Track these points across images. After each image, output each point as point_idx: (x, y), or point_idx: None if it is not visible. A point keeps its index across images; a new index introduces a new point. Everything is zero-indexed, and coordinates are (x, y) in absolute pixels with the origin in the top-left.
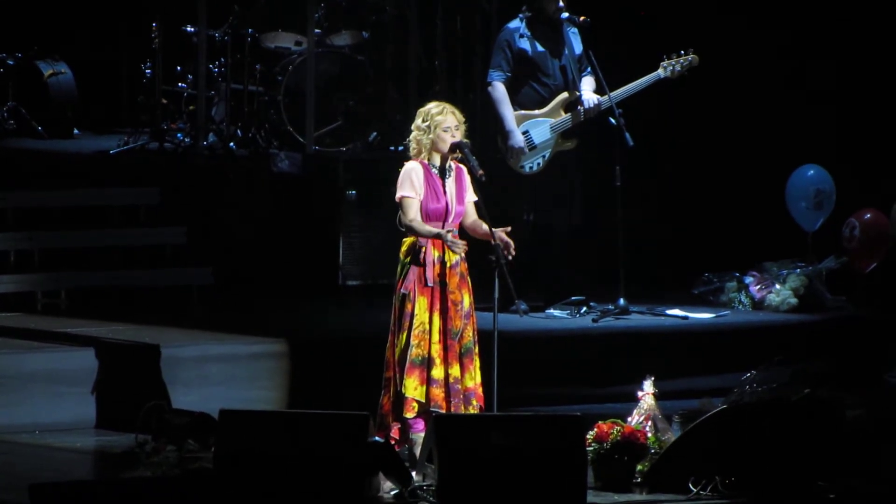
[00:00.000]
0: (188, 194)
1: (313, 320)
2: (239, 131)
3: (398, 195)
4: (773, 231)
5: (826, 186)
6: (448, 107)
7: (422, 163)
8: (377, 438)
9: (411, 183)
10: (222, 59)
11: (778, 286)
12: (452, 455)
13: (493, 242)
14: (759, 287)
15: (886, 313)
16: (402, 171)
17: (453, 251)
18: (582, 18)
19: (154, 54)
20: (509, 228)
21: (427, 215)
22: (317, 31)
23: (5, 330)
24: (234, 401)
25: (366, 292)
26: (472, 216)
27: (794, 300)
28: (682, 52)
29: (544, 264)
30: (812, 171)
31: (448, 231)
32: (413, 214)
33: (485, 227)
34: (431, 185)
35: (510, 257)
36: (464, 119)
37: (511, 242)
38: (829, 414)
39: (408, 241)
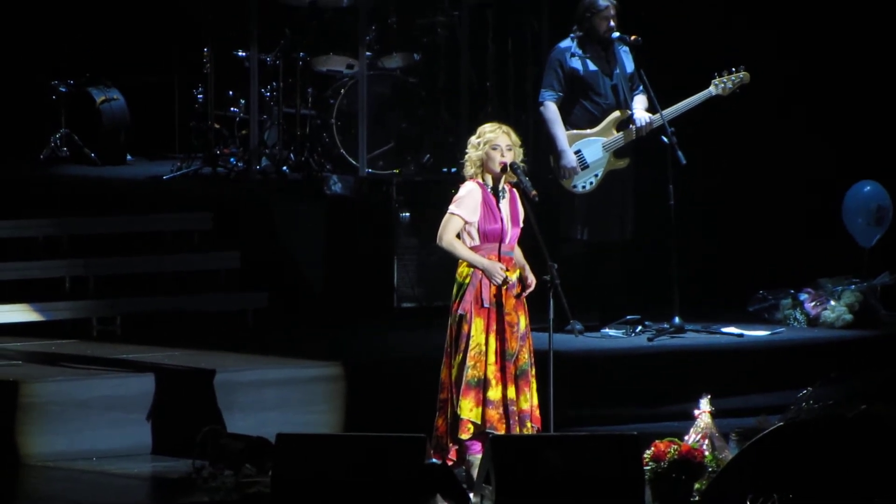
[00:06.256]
0: (241, 219)
1: (369, 343)
2: (292, 155)
3: (450, 209)
4: (827, 247)
5: (885, 202)
6: (504, 127)
7: (478, 183)
8: (434, 460)
9: (467, 204)
10: (274, 84)
11: (833, 302)
12: (509, 476)
13: (548, 263)
14: (813, 304)
15: None
16: (462, 190)
17: (493, 283)
18: (633, 37)
19: (206, 79)
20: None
21: (485, 236)
22: (368, 53)
23: (61, 357)
24: (290, 425)
25: (421, 314)
26: None
27: (849, 316)
28: (734, 69)
29: (599, 284)
30: (869, 188)
31: (495, 259)
32: (451, 234)
33: (521, 256)
34: (488, 206)
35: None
36: (520, 141)
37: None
38: (886, 430)
39: (465, 262)
